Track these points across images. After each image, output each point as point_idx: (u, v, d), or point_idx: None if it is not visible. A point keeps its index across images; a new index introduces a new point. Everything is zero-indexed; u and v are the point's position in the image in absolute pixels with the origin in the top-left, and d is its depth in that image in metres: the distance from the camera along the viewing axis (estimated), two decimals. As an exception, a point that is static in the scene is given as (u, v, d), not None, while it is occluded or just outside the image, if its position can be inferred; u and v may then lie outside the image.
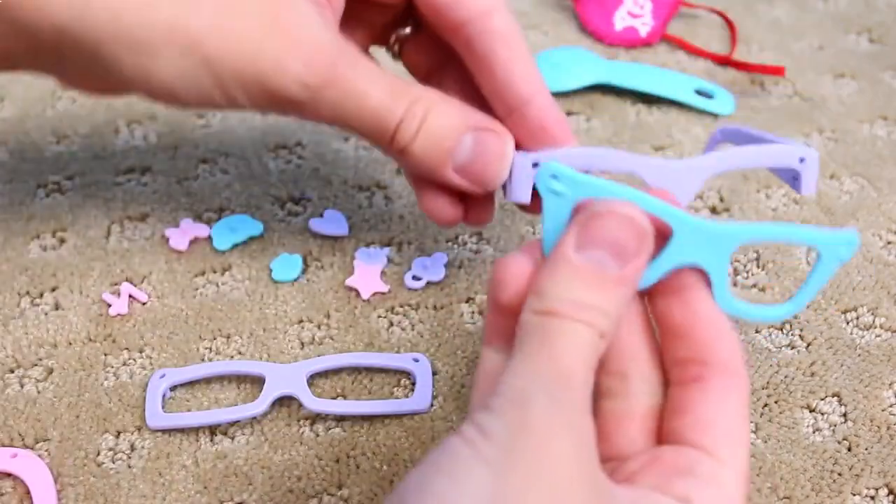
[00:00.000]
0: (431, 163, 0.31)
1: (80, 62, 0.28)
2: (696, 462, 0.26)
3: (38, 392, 0.36)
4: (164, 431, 0.34)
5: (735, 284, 0.40)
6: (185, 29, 0.28)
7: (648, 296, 0.28)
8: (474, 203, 0.35)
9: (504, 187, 0.33)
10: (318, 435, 0.35)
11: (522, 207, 0.35)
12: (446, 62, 0.35)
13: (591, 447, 0.24)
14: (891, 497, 0.32)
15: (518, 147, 0.32)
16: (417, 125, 0.30)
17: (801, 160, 0.31)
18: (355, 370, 0.37)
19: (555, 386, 0.23)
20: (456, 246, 0.42)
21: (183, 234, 0.42)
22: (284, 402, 0.35)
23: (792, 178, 0.32)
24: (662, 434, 0.28)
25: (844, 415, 0.35)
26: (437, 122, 0.30)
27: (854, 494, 0.32)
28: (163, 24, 0.27)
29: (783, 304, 0.29)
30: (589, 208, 0.26)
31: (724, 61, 0.52)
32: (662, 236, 0.26)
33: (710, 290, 0.27)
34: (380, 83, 0.30)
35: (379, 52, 0.37)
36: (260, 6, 0.29)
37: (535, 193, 0.30)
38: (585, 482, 0.23)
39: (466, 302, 0.39)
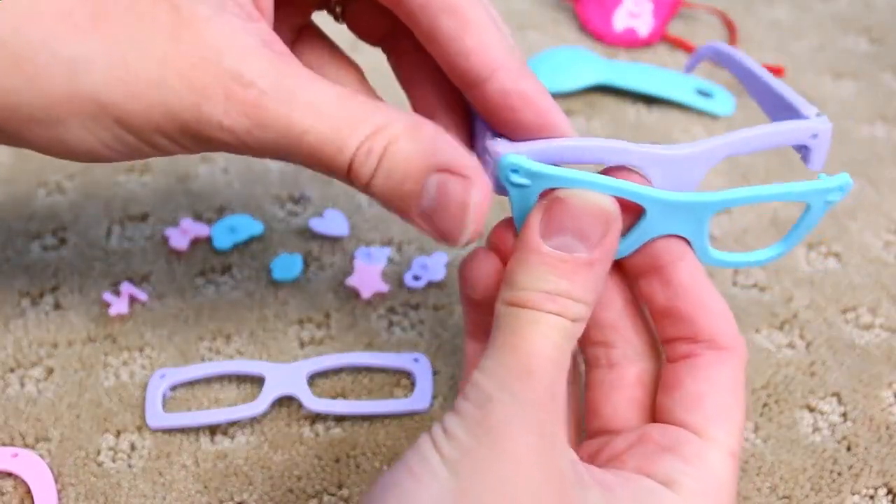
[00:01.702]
0: (394, 206, 0.26)
1: None
2: (682, 441, 0.26)
3: (39, 392, 0.36)
4: (164, 431, 0.35)
5: (735, 284, 0.40)
6: (81, 94, 0.24)
7: (632, 277, 0.28)
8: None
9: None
10: (318, 435, 0.35)
11: None
12: (398, 26, 0.30)
13: (557, 442, 0.24)
14: (890, 496, 0.32)
15: (500, 135, 0.28)
16: (375, 163, 0.25)
17: (814, 136, 0.28)
18: (355, 370, 0.37)
19: (517, 384, 0.23)
20: (456, 246, 0.42)
21: (183, 234, 0.42)
22: (284, 402, 0.35)
23: (804, 149, 0.29)
24: (654, 411, 0.28)
25: (844, 414, 0.35)
26: (398, 159, 0.25)
27: (853, 494, 0.32)
28: (58, 95, 0.24)
29: (770, 248, 0.30)
30: (551, 195, 0.26)
31: (724, 61, 0.52)
32: (637, 209, 0.26)
33: (691, 260, 0.27)
34: (324, 115, 0.25)
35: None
36: (162, 41, 0.24)
37: None
38: (548, 480, 0.23)
39: (466, 302, 0.39)
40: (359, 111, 0.25)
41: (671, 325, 0.28)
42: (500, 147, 0.27)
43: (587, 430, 0.29)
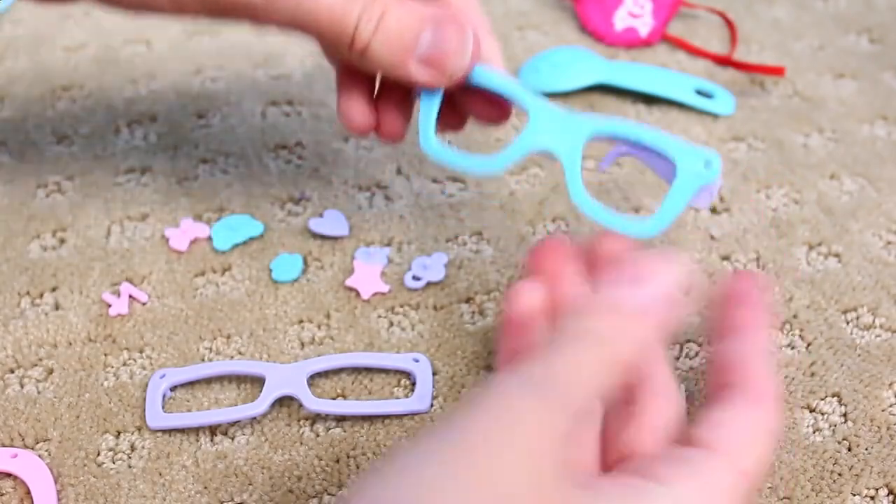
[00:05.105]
0: (393, 58, 0.31)
1: None
2: (691, 452, 0.26)
3: (39, 392, 0.36)
4: (164, 431, 0.35)
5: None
6: None
7: (718, 334, 0.30)
8: (388, 113, 0.36)
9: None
10: (318, 435, 0.35)
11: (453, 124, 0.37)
12: None
13: (563, 443, 0.24)
14: (891, 497, 0.32)
15: None
16: (375, 23, 0.31)
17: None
18: (355, 370, 0.37)
19: (537, 380, 0.25)
20: (456, 246, 0.42)
21: (183, 234, 0.42)
22: (284, 402, 0.35)
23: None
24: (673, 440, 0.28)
25: (844, 415, 0.35)
26: (395, 17, 0.31)
27: (854, 494, 0.32)
28: None
29: (649, 219, 0.31)
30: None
31: (724, 61, 0.52)
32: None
33: (764, 334, 0.30)
34: None
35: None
36: None
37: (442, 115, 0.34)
38: (551, 468, 0.23)
39: (466, 302, 0.39)
40: None
41: (726, 375, 0.29)
42: None
43: (605, 461, 0.29)
